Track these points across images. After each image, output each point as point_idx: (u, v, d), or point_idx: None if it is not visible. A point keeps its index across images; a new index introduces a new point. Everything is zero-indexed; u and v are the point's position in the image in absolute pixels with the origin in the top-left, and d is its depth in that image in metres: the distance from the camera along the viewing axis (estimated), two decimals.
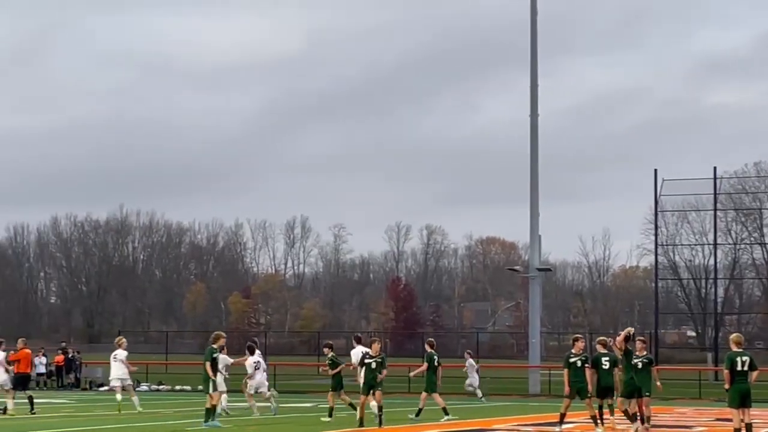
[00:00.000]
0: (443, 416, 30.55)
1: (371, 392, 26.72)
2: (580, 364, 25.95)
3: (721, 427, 28.81)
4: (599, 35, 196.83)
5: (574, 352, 26.10)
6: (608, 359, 26.12)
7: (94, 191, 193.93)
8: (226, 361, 31.17)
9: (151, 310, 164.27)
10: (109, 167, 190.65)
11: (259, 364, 33.49)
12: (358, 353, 30.78)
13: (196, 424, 27.89)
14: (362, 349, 30.99)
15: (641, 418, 26.69)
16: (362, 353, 30.77)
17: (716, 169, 79.47)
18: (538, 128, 58.11)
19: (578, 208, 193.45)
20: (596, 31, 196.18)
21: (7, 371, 33.84)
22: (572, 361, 25.97)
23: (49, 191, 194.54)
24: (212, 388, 26.57)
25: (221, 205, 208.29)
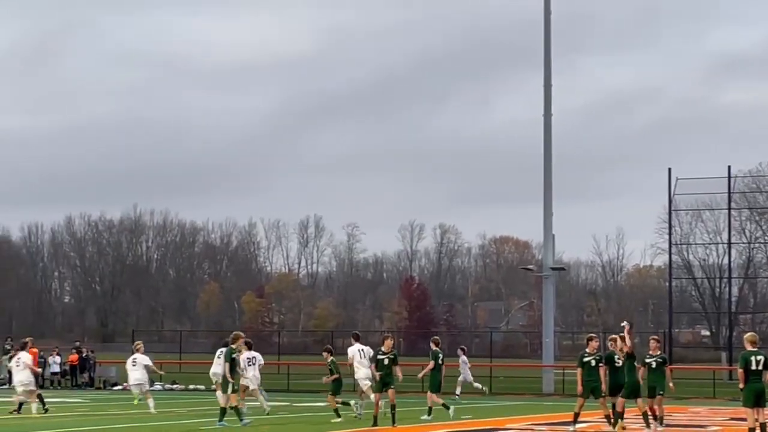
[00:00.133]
0: (426, 415, 30.41)
1: (384, 390, 26.68)
2: (594, 363, 25.95)
3: (735, 426, 28.75)
4: (613, 34, 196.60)
5: (588, 351, 26.09)
6: (620, 358, 26.15)
7: (108, 191, 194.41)
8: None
9: (164, 309, 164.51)
10: (122, 167, 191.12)
11: (254, 359, 33.64)
12: (354, 351, 30.83)
13: (210, 423, 27.91)
14: (359, 346, 31.05)
15: (654, 416, 26.70)
16: (359, 351, 30.81)
17: (730, 168, 79.22)
18: (551, 127, 57.95)
19: (592, 207, 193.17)
20: (610, 30, 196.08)
21: (33, 372, 33.96)
22: (586, 360, 25.97)
23: (63, 191, 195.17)
24: (231, 389, 26.46)
25: (235, 204, 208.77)
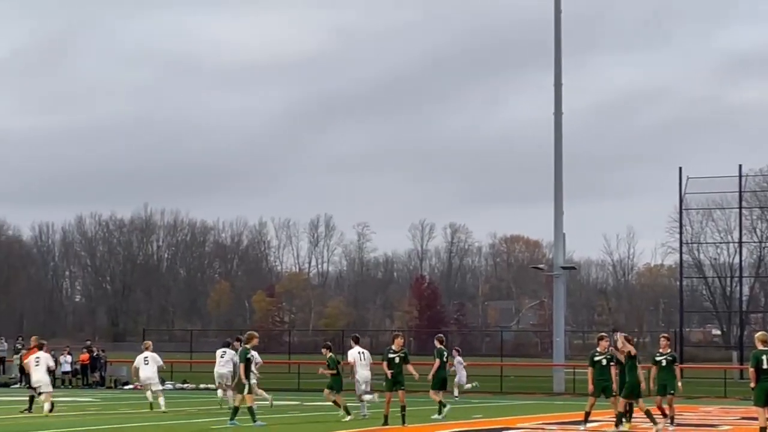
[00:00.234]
0: (436, 414, 30.42)
1: (395, 389, 26.68)
2: (605, 362, 25.96)
3: (746, 426, 28.72)
4: (624, 33, 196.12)
5: (599, 350, 26.10)
6: None
7: (118, 190, 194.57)
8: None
9: (175, 308, 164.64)
10: (133, 166, 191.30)
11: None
12: (354, 353, 30.91)
13: (221, 422, 27.95)
14: (359, 349, 31.11)
15: (664, 414, 26.70)
16: (359, 353, 30.84)
17: (741, 166, 79.18)
18: (562, 126, 57.94)
19: (603, 206, 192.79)
20: (621, 29, 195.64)
21: (50, 372, 34.10)
22: (597, 359, 25.98)
23: (73, 190, 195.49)
24: (247, 389, 26.41)
25: (245, 203, 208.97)
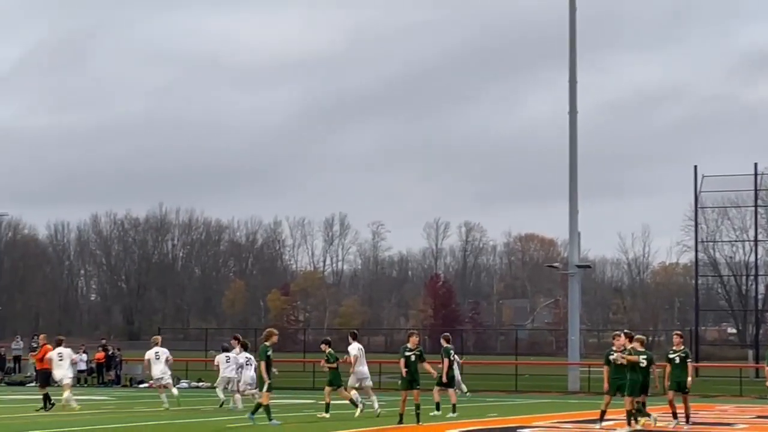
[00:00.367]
0: (451, 412, 30.35)
1: (411, 387, 26.65)
2: (620, 361, 25.92)
3: (762, 424, 28.68)
4: (640, 31, 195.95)
5: (614, 348, 26.06)
6: (645, 357, 26.08)
7: (133, 189, 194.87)
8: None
9: (190, 307, 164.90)
10: (148, 165, 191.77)
11: (250, 360, 34.44)
12: (354, 349, 30.89)
13: (235, 421, 27.97)
14: (358, 345, 31.10)
15: (674, 414, 26.66)
16: (358, 349, 30.83)
17: (757, 165, 79.02)
18: (577, 125, 57.87)
19: (618, 204, 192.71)
20: (637, 27, 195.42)
21: (73, 364, 34.47)
22: (612, 357, 25.93)
23: (89, 189, 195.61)
24: (266, 387, 26.34)
25: (260, 202, 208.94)
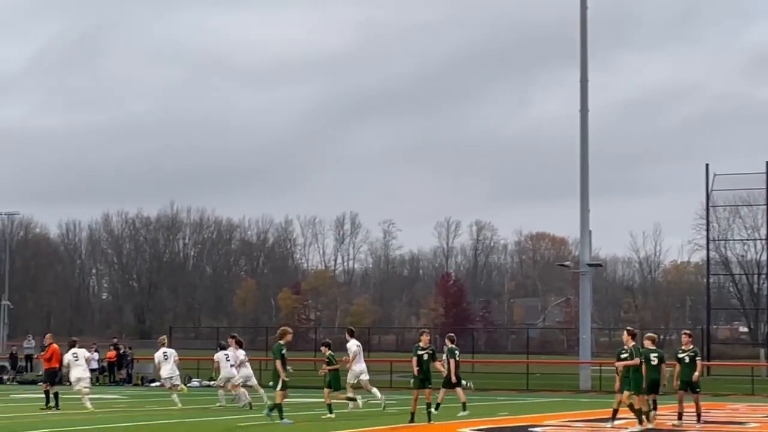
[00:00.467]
0: (461, 411, 30.16)
1: (423, 386, 26.62)
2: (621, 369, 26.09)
3: None
4: (651, 30, 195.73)
5: (625, 347, 26.07)
6: (656, 355, 26.15)
7: (145, 188, 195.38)
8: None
9: (201, 306, 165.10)
10: (160, 164, 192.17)
11: (246, 356, 35.24)
12: (352, 346, 30.91)
13: (247, 420, 27.98)
14: (355, 342, 31.07)
15: (680, 415, 26.63)
16: (356, 346, 30.79)
17: None
18: (588, 123, 57.75)
19: (629, 203, 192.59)
20: (648, 26, 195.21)
21: (87, 362, 34.57)
22: (624, 356, 25.93)
23: (100, 188, 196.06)
24: (281, 385, 26.30)
25: (271, 201, 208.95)
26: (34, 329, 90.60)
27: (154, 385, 54.51)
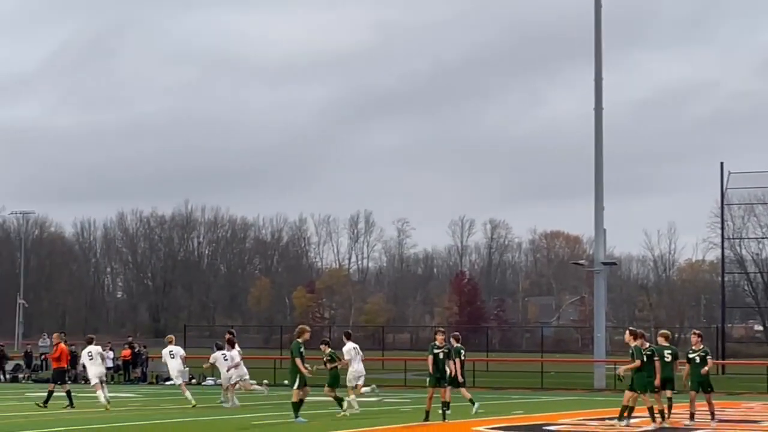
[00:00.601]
0: (473, 408, 30.01)
1: (438, 384, 26.60)
2: (646, 359, 25.97)
3: None
4: (667, 28, 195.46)
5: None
6: (670, 352, 26.32)
7: (159, 187, 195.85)
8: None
9: (216, 304, 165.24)
10: (174, 163, 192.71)
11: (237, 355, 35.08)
12: (349, 349, 30.83)
13: (261, 418, 28.01)
14: (352, 345, 31.00)
15: (692, 414, 26.58)
16: (353, 348, 30.74)
17: None
18: (602, 122, 57.67)
19: (643, 201, 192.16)
20: (664, 24, 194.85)
21: (103, 360, 34.88)
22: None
23: (115, 187, 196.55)
24: (297, 383, 26.29)
25: (285, 200, 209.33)
26: (49, 328, 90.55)
27: (168, 383, 54.58)
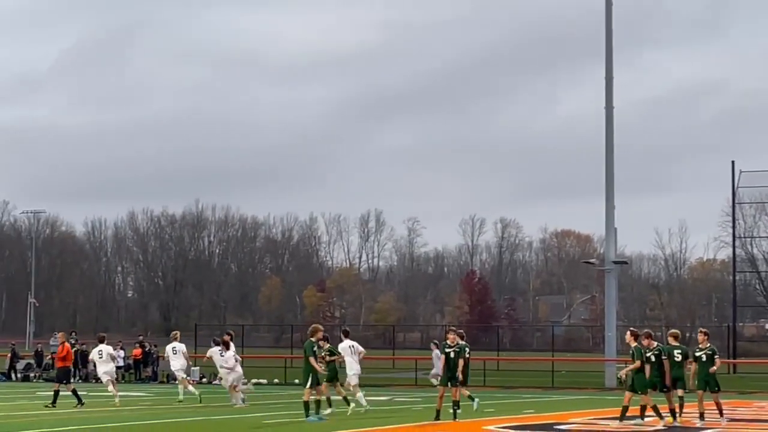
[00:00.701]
0: (473, 405, 29.83)
1: (450, 384, 26.57)
2: (653, 358, 26.12)
3: None
4: (678, 26, 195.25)
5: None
6: (680, 351, 26.41)
7: (170, 186, 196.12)
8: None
9: (226, 303, 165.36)
10: (185, 162, 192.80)
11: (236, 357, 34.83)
12: (345, 347, 30.78)
13: (272, 417, 28.00)
14: (349, 342, 30.93)
15: (702, 414, 26.51)
16: (349, 347, 30.65)
17: None
18: (613, 120, 57.59)
19: (654, 200, 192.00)
20: (675, 22, 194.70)
21: (113, 359, 35.23)
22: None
23: (125, 186, 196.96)
24: (310, 383, 26.28)
25: (296, 199, 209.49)
26: (60, 327, 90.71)
27: (178, 382, 54.58)
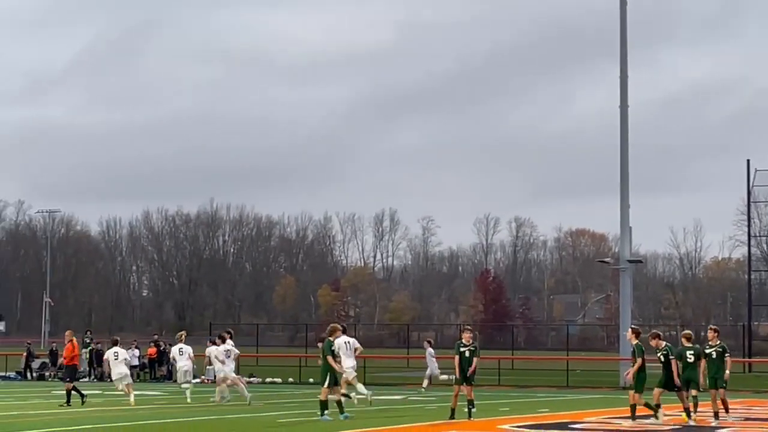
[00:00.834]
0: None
1: (465, 383, 26.54)
2: (663, 358, 26.20)
3: None
4: (693, 25, 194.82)
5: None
6: (692, 352, 26.45)
7: (185, 185, 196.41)
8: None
9: (241, 303, 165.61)
10: (199, 161, 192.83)
11: (230, 352, 34.58)
12: (341, 342, 30.71)
13: (286, 416, 28.01)
14: (345, 338, 30.84)
15: (716, 413, 26.47)
16: (345, 343, 30.58)
17: None
18: (628, 119, 57.45)
19: (669, 199, 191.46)
20: (689, 21, 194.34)
21: (125, 361, 35.10)
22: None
23: (140, 185, 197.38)
24: (327, 382, 26.27)
25: (310, 198, 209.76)
26: (74, 326, 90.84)
27: (194, 381, 54.60)
